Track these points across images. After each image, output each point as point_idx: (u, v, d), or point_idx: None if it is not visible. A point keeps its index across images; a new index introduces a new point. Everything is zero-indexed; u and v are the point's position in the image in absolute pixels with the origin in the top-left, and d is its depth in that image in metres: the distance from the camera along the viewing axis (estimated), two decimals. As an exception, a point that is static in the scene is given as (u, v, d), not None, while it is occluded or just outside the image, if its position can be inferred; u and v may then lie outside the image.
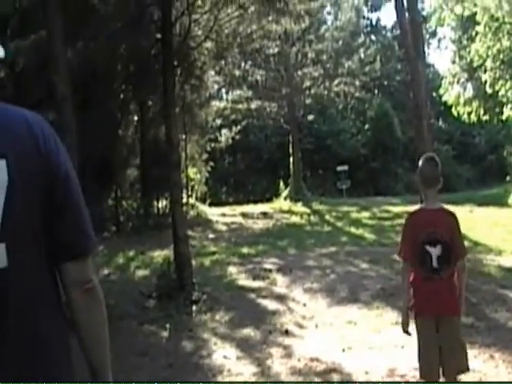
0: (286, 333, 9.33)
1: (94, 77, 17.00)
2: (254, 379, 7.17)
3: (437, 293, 5.18)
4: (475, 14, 21.34)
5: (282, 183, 31.02)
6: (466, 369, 5.38)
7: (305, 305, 11.02)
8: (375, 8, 52.71)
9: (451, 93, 25.03)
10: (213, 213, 26.09)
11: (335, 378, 7.20)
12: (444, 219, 5.30)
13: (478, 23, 20.98)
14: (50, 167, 2.11)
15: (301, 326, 9.75)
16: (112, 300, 10.55)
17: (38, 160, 2.08)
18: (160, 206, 22.39)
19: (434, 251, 5.15)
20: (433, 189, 5.35)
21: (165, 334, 9.77)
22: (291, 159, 31.14)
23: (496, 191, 29.08)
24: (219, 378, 7.25)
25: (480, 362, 7.52)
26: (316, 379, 7.20)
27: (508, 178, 23.46)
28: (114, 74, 19.43)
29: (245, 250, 16.40)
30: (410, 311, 5.41)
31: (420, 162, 5.45)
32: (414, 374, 7.11)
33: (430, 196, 5.38)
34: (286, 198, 29.03)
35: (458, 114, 24.86)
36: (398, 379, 7.02)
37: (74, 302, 2.19)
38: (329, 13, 39.48)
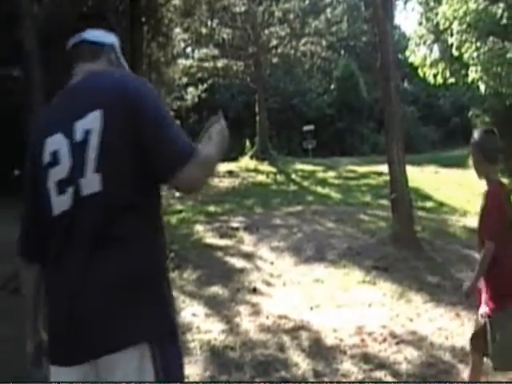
0: (254, 291, 9.38)
1: (59, 33, 16.73)
2: (222, 337, 7.22)
3: None
4: (443, -25, 21.37)
5: (248, 142, 30.94)
6: None
7: (272, 263, 11.07)
8: (342, -32, 52.34)
9: (417, 54, 25.02)
10: (178, 171, 25.93)
11: (304, 335, 7.28)
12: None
13: (445, -15, 21.00)
14: (138, 113, 2.53)
15: (268, 284, 9.80)
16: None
17: (127, 109, 2.53)
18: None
19: None
20: (496, 165, 4.87)
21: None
22: (257, 118, 31.00)
23: (460, 153, 29.32)
24: (188, 336, 7.26)
25: (446, 320, 7.66)
26: (284, 336, 7.26)
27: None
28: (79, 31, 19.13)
29: (211, 209, 16.39)
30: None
31: (477, 135, 4.82)
32: (382, 332, 7.23)
33: (495, 172, 4.86)
34: (252, 157, 28.97)
35: (424, 75, 24.87)
36: (365, 337, 7.11)
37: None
38: (296, -29, 39.08)
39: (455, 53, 20.83)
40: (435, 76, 24.03)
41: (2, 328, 7.31)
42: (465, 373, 5.97)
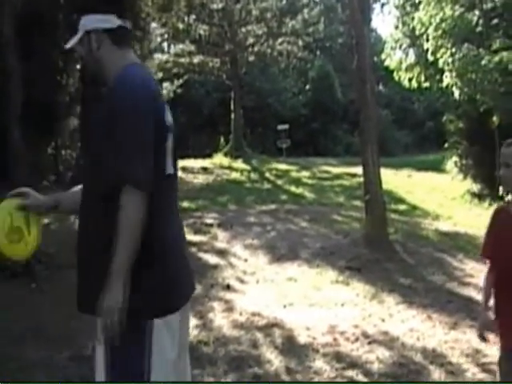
0: (228, 287, 9.43)
1: (37, 23, 16.64)
2: (196, 332, 7.23)
3: None
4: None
5: (222, 139, 30.96)
6: None
7: (246, 260, 11.12)
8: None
9: (393, 58, 25.15)
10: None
11: (277, 332, 7.33)
12: None
13: (422, -9, 21.12)
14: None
15: (242, 281, 9.86)
16: (52, 249, 10.46)
17: None
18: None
19: None
20: None
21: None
22: (232, 116, 31.03)
23: (433, 157, 29.60)
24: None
25: (418, 321, 7.74)
26: (258, 333, 7.31)
27: (446, 145, 23.80)
28: (57, 22, 19.02)
29: (185, 205, 16.36)
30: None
31: (506, 150, 3.97)
32: (354, 332, 7.31)
33: None
34: (226, 154, 28.96)
35: (399, 79, 25.01)
36: (338, 336, 7.18)
37: None
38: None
39: (430, 58, 20.98)
40: (410, 80, 24.18)
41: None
42: (435, 373, 6.08)
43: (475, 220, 15.20)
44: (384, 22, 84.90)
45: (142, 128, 2.85)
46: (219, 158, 28.23)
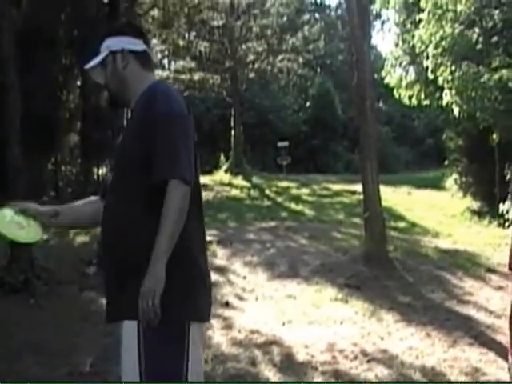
0: (227, 304, 9.43)
1: (37, 38, 16.70)
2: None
3: None
4: (419, -1, 21.51)
5: (222, 156, 30.98)
6: None
7: (245, 277, 11.11)
8: (320, -14, 52.74)
9: (393, 75, 25.15)
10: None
11: (276, 350, 7.31)
12: None
13: (423, 10, 21.10)
14: None
15: (241, 299, 9.85)
16: (51, 265, 10.47)
17: None
18: (100, 172, 22.09)
19: None
20: None
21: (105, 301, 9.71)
22: (232, 132, 31.06)
23: (433, 175, 29.57)
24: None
25: (417, 339, 7.72)
26: (256, 351, 7.29)
27: (446, 163, 23.77)
28: (58, 37, 19.11)
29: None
30: None
31: None
32: (353, 350, 7.28)
33: None
34: (226, 171, 28.98)
35: (399, 96, 25.01)
36: (337, 354, 7.15)
37: None
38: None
39: (430, 76, 20.99)
40: (410, 98, 24.18)
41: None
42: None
43: (475, 237, 15.19)
44: (384, 40, 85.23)
45: (186, 130, 3.01)
46: (219, 175, 28.25)
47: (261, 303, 9.61)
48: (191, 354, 2.92)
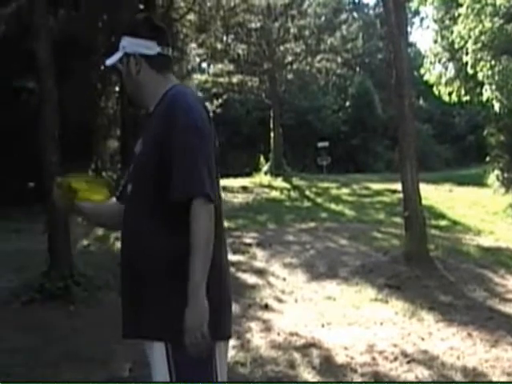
0: (266, 307, 9.38)
1: (75, 46, 16.87)
2: (233, 352, 7.18)
3: None
4: (458, -6, 21.30)
5: (262, 158, 30.98)
6: None
7: (284, 279, 11.06)
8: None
9: (432, 72, 24.98)
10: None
11: (315, 352, 7.25)
12: None
13: (461, 4, 20.93)
14: None
15: (280, 301, 9.79)
16: (91, 271, 10.52)
17: None
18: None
19: None
20: None
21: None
22: (272, 134, 31.05)
23: (475, 171, 29.25)
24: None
25: (458, 339, 7.60)
26: (295, 354, 7.24)
27: (487, 159, 23.53)
28: (95, 44, 19.27)
29: (225, 224, 16.34)
30: None
31: None
32: (393, 351, 7.20)
33: None
34: (266, 173, 29.00)
35: (439, 93, 24.82)
36: (376, 355, 7.08)
37: None
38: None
39: (470, 71, 20.78)
40: (450, 94, 23.99)
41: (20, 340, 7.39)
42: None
43: (518, 235, 14.98)
44: (423, 37, 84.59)
45: (206, 142, 2.90)
46: (259, 177, 28.26)
47: (300, 305, 9.56)
48: (219, 371, 2.91)
